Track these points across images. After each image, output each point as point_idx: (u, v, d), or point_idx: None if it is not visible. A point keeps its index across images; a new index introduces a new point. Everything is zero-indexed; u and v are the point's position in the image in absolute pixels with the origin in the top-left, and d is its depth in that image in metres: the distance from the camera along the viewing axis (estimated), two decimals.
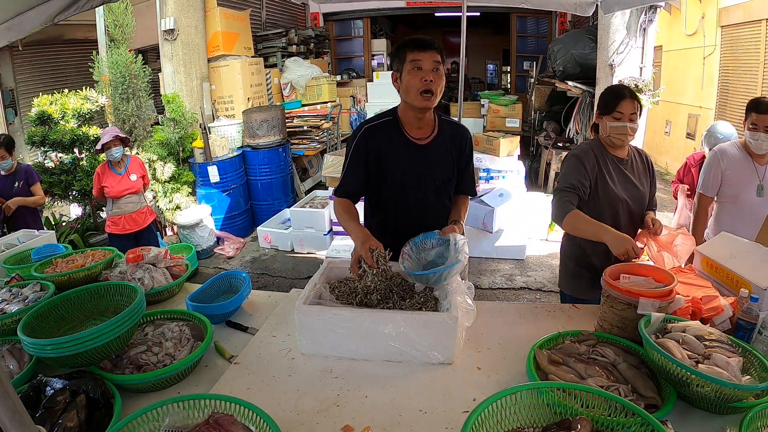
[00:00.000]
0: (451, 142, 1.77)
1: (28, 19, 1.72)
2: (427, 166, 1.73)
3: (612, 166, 1.89)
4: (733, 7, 4.14)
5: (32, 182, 3.52)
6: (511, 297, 3.92)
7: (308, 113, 6.45)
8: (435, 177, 1.75)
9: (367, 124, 1.75)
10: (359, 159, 1.72)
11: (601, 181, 1.86)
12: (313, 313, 1.39)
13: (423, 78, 1.58)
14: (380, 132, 1.72)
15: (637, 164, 1.95)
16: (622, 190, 1.88)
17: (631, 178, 1.90)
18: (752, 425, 1.00)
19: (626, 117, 1.81)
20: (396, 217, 1.80)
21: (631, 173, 1.91)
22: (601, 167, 1.87)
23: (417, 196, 1.76)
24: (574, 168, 1.87)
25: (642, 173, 1.95)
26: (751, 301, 1.36)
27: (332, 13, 8.93)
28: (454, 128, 1.80)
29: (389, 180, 1.73)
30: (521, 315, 1.67)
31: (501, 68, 13.25)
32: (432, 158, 1.73)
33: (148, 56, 5.91)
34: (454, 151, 1.77)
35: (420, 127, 1.72)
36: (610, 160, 1.89)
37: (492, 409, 0.99)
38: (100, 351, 1.26)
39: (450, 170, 1.78)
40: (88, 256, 2.06)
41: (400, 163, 1.72)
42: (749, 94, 3.68)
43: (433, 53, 1.59)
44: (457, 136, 1.79)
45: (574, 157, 1.90)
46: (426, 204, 1.78)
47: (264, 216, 5.37)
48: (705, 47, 4.56)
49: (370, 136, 1.71)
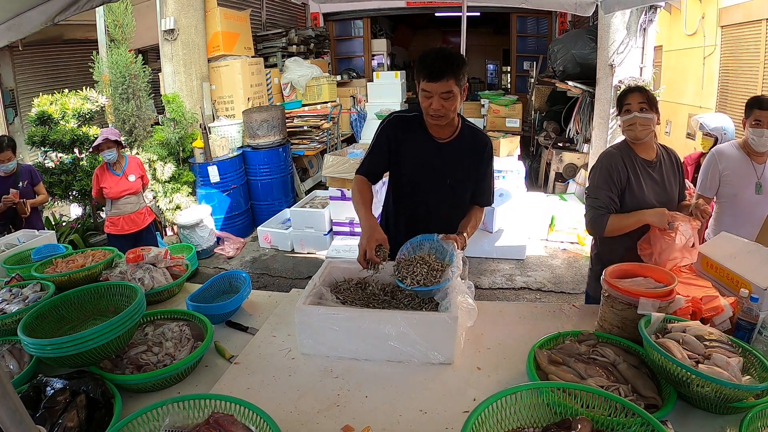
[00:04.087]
0: (470, 146, 1.81)
1: (28, 19, 1.72)
2: (443, 163, 1.79)
3: (640, 169, 1.86)
4: (733, 7, 4.14)
5: (36, 182, 3.57)
6: (511, 297, 3.92)
7: (308, 113, 6.45)
8: (449, 176, 1.80)
9: (396, 113, 1.86)
10: (383, 143, 1.82)
11: (629, 188, 1.85)
12: (313, 313, 1.40)
13: (431, 105, 1.63)
14: (407, 123, 1.80)
15: (666, 165, 1.91)
16: (650, 194, 1.85)
17: (659, 181, 1.87)
18: (752, 425, 1.00)
19: (634, 107, 1.81)
20: (409, 210, 1.87)
21: (659, 175, 1.88)
22: (630, 174, 1.85)
23: (430, 192, 1.82)
24: (605, 183, 1.85)
25: (671, 173, 1.91)
26: (751, 301, 1.36)
27: (332, 13, 8.92)
28: (476, 134, 1.84)
29: (405, 170, 1.82)
30: (521, 315, 1.67)
31: (501, 68, 13.23)
32: (449, 157, 1.79)
33: (148, 56, 5.90)
34: (472, 155, 1.81)
35: (441, 127, 1.77)
36: (638, 164, 1.86)
37: (492, 409, 0.99)
38: (100, 351, 1.26)
39: (465, 173, 1.82)
40: (88, 256, 2.06)
41: (417, 155, 1.79)
42: (749, 94, 3.68)
43: (443, 84, 1.58)
44: (477, 142, 1.83)
45: (604, 170, 1.87)
46: (439, 201, 1.83)
47: (264, 216, 5.37)
48: (705, 47, 4.56)
49: (397, 125, 1.81)
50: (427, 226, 1.71)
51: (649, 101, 1.82)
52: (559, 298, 3.88)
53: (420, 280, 1.51)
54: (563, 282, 4.10)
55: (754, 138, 2.24)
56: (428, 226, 1.71)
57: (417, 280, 1.51)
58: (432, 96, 1.61)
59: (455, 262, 1.51)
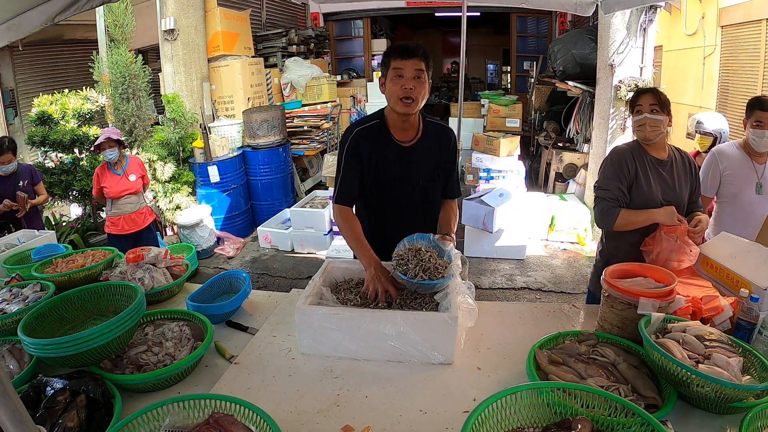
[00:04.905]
0: (435, 143, 1.81)
1: (28, 19, 1.72)
2: (412, 167, 1.78)
3: (650, 167, 1.86)
4: (733, 7, 4.13)
5: (36, 181, 3.59)
6: (511, 297, 3.92)
7: (308, 113, 6.45)
8: (420, 177, 1.80)
9: (356, 126, 1.80)
10: (353, 162, 1.76)
11: (637, 183, 1.85)
12: (313, 313, 1.39)
13: (403, 86, 1.62)
14: (369, 134, 1.77)
15: (678, 166, 1.91)
16: (658, 192, 1.85)
17: (668, 181, 1.87)
18: (752, 425, 1.00)
19: (645, 109, 1.82)
20: (386, 218, 1.84)
21: (670, 175, 1.88)
22: (638, 169, 1.85)
23: (404, 197, 1.80)
24: (614, 175, 1.86)
25: (682, 174, 1.91)
26: (751, 301, 1.36)
27: (332, 13, 8.92)
28: (439, 130, 1.84)
29: (377, 180, 1.78)
30: (521, 315, 1.67)
31: (501, 68, 13.23)
32: (416, 159, 1.78)
33: (148, 56, 5.91)
34: (438, 152, 1.81)
35: (405, 129, 1.76)
36: (648, 162, 1.87)
37: (492, 409, 0.99)
38: (100, 351, 1.26)
39: (434, 171, 1.82)
40: (88, 256, 2.06)
41: (386, 164, 1.76)
42: (749, 94, 3.68)
43: (415, 61, 1.61)
44: (442, 137, 1.83)
45: (614, 163, 1.88)
46: (414, 204, 1.82)
47: (264, 216, 5.37)
48: (705, 47, 4.55)
49: (360, 138, 1.76)
50: (403, 230, 1.66)
51: (661, 103, 1.83)
52: (559, 298, 3.88)
53: (426, 270, 1.47)
54: (563, 282, 4.10)
55: (754, 139, 2.24)
56: (403, 229, 1.66)
57: (423, 269, 1.47)
58: (403, 76, 1.62)
59: (455, 261, 1.51)
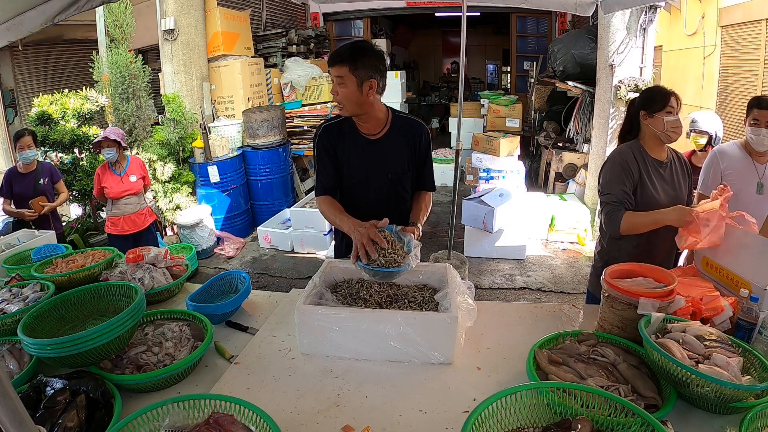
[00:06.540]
0: (404, 136, 1.83)
1: (28, 19, 1.72)
2: (379, 159, 1.82)
3: (652, 169, 1.87)
4: (733, 7, 4.13)
5: (56, 179, 3.66)
6: (511, 297, 3.92)
7: (308, 113, 6.44)
8: (389, 170, 1.83)
9: (325, 123, 1.87)
10: (326, 156, 1.83)
11: (642, 186, 1.85)
12: (313, 313, 1.39)
13: (333, 91, 1.70)
14: (336, 128, 1.83)
15: (676, 167, 1.93)
16: (661, 194, 1.86)
17: (669, 182, 1.88)
18: (752, 425, 1.00)
19: (676, 111, 1.84)
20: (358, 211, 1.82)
21: (670, 176, 1.90)
22: (642, 172, 1.86)
23: (374, 190, 1.84)
24: (618, 178, 1.86)
25: (680, 175, 1.93)
26: (751, 301, 1.36)
27: (332, 13, 8.92)
28: (409, 123, 1.86)
29: (347, 174, 1.83)
30: (521, 315, 1.67)
31: (501, 68, 13.24)
32: (384, 152, 1.81)
33: (148, 56, 5.91)
34: (408, 145, 1.84)
35: (367, 122, 1.80)
36: (650, 164, 1.88)
37: (492, 409, 0.99)
38: (100, 351, 1.26)
39: (404, 164, 1.85)
40: (88, 256, 2.06)
41: (354, 157, 1.81)
42: (749, 94, 3.68)
43: (336, 68, 1.66)
44: (412, 131, 1.85)
45: (617, 165, 1.88)
46: (384, 196, 1.85)
47: (264, 216, 5.37)
48: (705, 47, 4.55)
49: (326, 134, 1.83)
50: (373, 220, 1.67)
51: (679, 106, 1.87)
52: (559, 298, 3.88)
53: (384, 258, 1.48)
54: (563, 282, 4.10)
55: (752, 137, 2.25)
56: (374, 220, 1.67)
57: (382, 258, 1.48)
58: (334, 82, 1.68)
59: (413, 251, 1.52)
